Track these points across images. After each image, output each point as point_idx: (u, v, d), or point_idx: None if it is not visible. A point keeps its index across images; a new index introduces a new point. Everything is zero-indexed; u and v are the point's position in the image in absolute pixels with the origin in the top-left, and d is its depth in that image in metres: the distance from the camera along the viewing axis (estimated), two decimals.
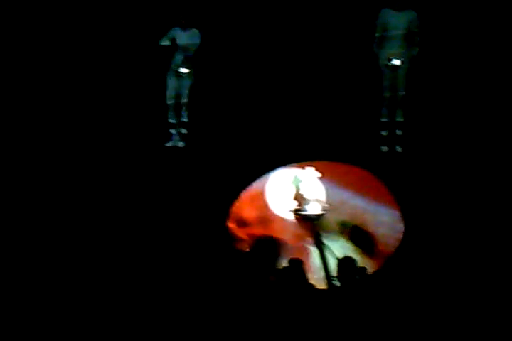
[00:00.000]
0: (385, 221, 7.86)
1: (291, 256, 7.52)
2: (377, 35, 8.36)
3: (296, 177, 7.83)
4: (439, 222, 7.77)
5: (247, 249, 7.34)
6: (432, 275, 7.51)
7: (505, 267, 7.47)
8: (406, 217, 7.83)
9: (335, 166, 8.04)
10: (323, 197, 7.79)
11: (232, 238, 7.97)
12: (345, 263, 7.07)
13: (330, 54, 8.68)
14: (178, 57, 8.69)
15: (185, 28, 8.67)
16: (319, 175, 7.73)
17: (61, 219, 7.96)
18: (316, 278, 7.42)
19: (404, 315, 6.95)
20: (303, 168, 8.02)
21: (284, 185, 8.03)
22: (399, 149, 8.34)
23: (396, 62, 8.25)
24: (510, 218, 7.68)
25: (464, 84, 8.45)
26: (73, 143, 8.51)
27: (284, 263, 7.45)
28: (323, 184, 7.79)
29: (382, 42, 8.35)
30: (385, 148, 8.36)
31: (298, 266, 7.29)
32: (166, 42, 8.62)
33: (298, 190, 7.84)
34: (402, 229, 7.82)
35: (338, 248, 7.60)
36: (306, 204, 7.79)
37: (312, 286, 7.15)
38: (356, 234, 7.84)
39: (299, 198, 7.87)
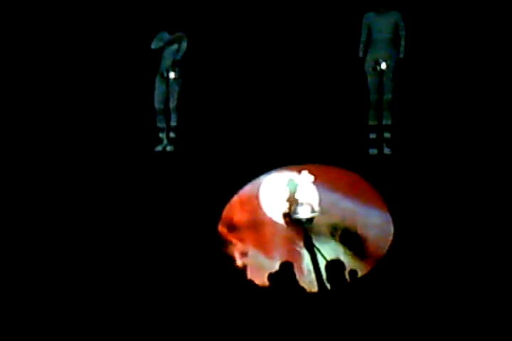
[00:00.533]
0: (375, 223, 7.91)
1: (283, 260, 7.58)
2: (362, 39, 8.41)
3: (291, 180, 7.87)
4: (429, 224, 7.80)
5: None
6: (422, 277, 7.57)
7: (494, 266, 7.53)
8: (396, 219, 7.88)
9: (324, 169, 8.07)
10: (315, 200, 7.83)
11: (222, 242, 7.99)
12: (333, 265, 7.10)
13: (316, 58, 8.70)
14: (166, 62, 8.69)
15: (172, 32, 8.67)
16: (313, 178, 7.76)
17: (51, 224, 7.95)
18: (308, 281, 7.46)
19: (395, 318, 6.99)
20: (293, 171, 8.06)
21: (275, 188, 8.07)
22: (387, 152, 8.38)
23: (383, 65, 8.30)
24: (500, 219, 7.74)
25: (451, 85, 8.48)
26: (62, 148, 8.47)
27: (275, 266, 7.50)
28: (314, 187, 7.83)
29: (367, 46, 8.40)
30: (373, 151, 8.39)
31: (289, 269, 7.32)
32: (156, 45, 8.61)
33: (292, 193, 7.87)
34: (392, 232, 7.88)
35: (329, 250, 7.63)
36: (297, 207, 7.82)
37: (304, 289, 7.19)
38: (347, 236, 7.88)
39: (291, 201, 7.90)
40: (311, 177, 7.78)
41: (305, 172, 7.79)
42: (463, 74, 8.52)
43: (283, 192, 7.99)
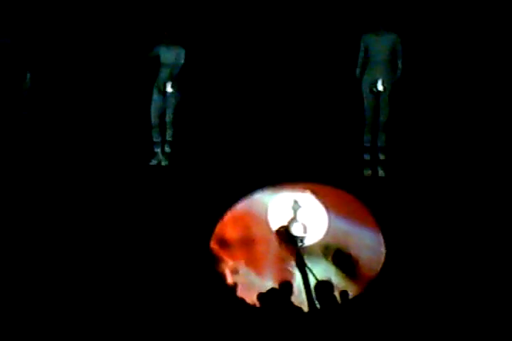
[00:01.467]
0: (367, 244, 7.91)
1: (274, 279, 7.57)
2: (359, 60, 8.45)
3: (295, 201, 7.91)
4: (421, 246, 7.83)
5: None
6: (413, 299, 7.59)
7: (486, 289, 7.58)
8: (388, 241, 7.90)
9: (317, 188, 8.09)
10: (316, 221, 7.86)
11: (214, 259, 7.97)
12: (323, 286, 7.10)
13: (313, 78, 8.73)
14: (163, 76, 8.69)
15: (170, 45, 8.69)
16: (316, 200, 7.79)
17: (43, 235, 7.91)
18: (298, 301, 7.45)
19: (386, 339, 7.01)
20: (287, 189, 8.07)
21: (269, 205, 8.07)
22: (381, 173, 8.41)
23: (380, 87, 8.34)
24: (492, 241, 7.78)
25: (445, 108, 8.54)
26: (56, 160, 8.44)
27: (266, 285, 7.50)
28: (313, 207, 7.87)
29: (364, 67, 8.44)
30: (367, 172, 8.42)
31: (287, 289, 7.32)
32: (150, 59, 8.63)
33: (294, 212, 7.90)
34: (384, 253, 7.89)
35: (321, 271, 7.63)
36: (292, 226, 7.83)
37: (300, 309, 7.18)
38: (339, 257, 7.88)
39: (288, 220, 7.92)
40: (311, 197, 7.82)
41: (306, 192, 7.84)
42: (458, 98, 8.58)
43: (278, 210, 8.01)
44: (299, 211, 7.98)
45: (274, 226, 8.00)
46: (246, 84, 8.81)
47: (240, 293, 7.74)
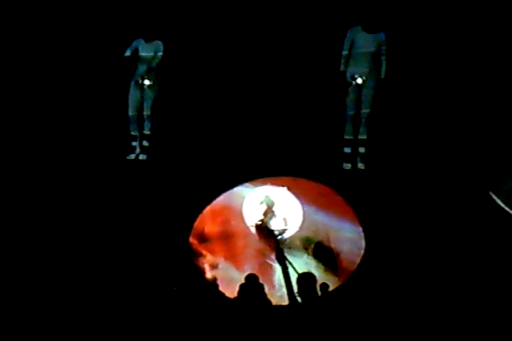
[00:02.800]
0: (348, 237, 7.89)
1: (254, 272, 7.52)
2: (344, 52, 8.41)
3: (268, 195, 7.85)
4: (401, 238, 7.82)
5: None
6: (393, 291, 7.58)
7: (466, 280, 7.57)
8: (368, 234, 7.88)
9: (298, 182, 8.05)
10: (292, 215, 7.81)
11: (193, 253, 7.91)
12: (304, 278, 7.07)
13: (296, 70, 8.66)
14: (141, 69, 8.60)
15: (148, 39, 8.60)
16: (291, 194, 7.75)
17: (21, 231, 7.81)
18: (278, 295, 7.41)
19: (366, 331, 6.99)
20: (267, 183, 8.02)
21: (248, 200, 8.02)
22: (362, 166, 8.37)
23: (359, 80, 8.30)
24: (472, 232, 7.79)
25: (427, 103, 8.52)
26: (33, 155, 8.33)
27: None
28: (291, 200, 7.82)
29: (348, 60, 8.40)
30: (347, 166, 8.37)
31: (255, 282, 7.27)
32: (128, 54, 8.53)
33: (268, 206, 7.84)
34: (364, 246, 7.87)
35: (302, 264, 7.60)
36: (270, 220, 7.78)
37: (270, 302, 7.14)
38: (320, 250, 7.85)
39: (265, 214, 7.86)
40: (287, 191, 7.77)
41: (283, 187, 7.80)
42: (439, 92, 8.56)
43: (256, 204, 7.96)
44: (273, 205, 7.94)
45: (250, 220, 7.95)
46: (224, 77, 8.72)
47: (220, 287, 7.69)
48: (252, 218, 7.96)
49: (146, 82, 8.54)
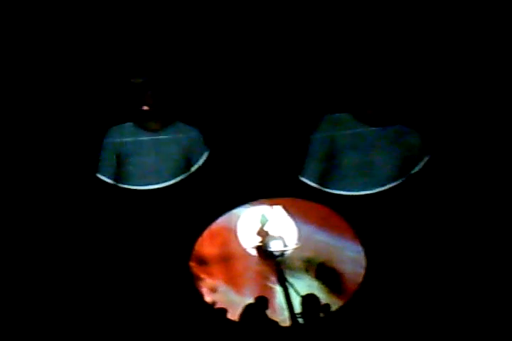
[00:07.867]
0: (349, 257, 7.81)
1: (254, 296, 7.43)
2: None
3: (264, 214, 7.78)
4: (402, 257, 7.74)
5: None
6: (395, 311, 7.49)
7: (469, 300, 7.49)
8: (368, 253, 7.80)
9: (297, 203, 7.98)
10: (289, 234, 7.74)
11: (193, 277, 7.81)
12: (308, 300, 7.00)
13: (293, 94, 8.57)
14: None
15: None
16: (286, 213, 7.69)
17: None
18: (280, 318, 7.32)
19: None
20: (266, 204, 7.95)
21: (247, 221, 7.94)
22: None
23: None
24: (474, 252, 7.72)
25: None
26: (33, 159, 8.06)
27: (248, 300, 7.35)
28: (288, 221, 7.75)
29: None
30: None
31: (263, 304, 7.20)
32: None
33: (263, 226, 7.78)
34: (365, 265, 7.79)
35: (304, 286, 7.51)
36: (269, 241, 7.71)
37: (276, 323, 7.06)
38: (322, 271, 7.76)
39: (262, 235, 7.79)
40: (284, 211, 7.71)
41: (278, 206, 7.73)
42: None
43: (255, 225, 7.88)
44: (269, 226, 7.87)
45: (246, 242, 7.87)
46: (216, 101, 8.57)
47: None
48: (248, 239, 7.88)
49: None
